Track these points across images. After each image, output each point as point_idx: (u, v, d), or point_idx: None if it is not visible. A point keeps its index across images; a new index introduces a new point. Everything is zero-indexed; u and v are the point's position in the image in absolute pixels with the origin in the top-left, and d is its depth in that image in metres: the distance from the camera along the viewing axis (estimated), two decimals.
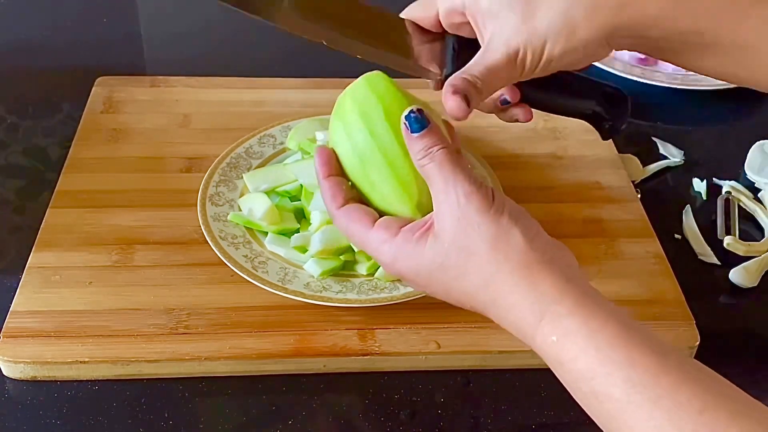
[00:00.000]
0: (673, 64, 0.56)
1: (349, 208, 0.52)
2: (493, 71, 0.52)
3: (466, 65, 0.53)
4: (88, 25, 1.01)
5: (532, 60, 0.52)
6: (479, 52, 0.54)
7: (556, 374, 0.45)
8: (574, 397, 0.44)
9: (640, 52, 0.56)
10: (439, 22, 0.57)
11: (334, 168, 0.54)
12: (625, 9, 0.51)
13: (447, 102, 0.51)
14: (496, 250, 0.46)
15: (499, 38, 0.52)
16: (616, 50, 0.55)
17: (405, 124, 0.50)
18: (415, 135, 0.49)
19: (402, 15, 0.58)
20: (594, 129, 0.62)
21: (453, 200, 0.47)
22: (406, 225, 0.50)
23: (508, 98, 0.57)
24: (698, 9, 0.52)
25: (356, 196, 0.54)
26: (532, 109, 0.59)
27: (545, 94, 0.59)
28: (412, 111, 0.50)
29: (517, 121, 0.59)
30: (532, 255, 0.46)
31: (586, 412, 0.43)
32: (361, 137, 0.53)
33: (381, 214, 0.53)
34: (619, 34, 0.52)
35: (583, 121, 0.62)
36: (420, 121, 0.49)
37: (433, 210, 0.49)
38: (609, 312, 0.44)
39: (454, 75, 0.53)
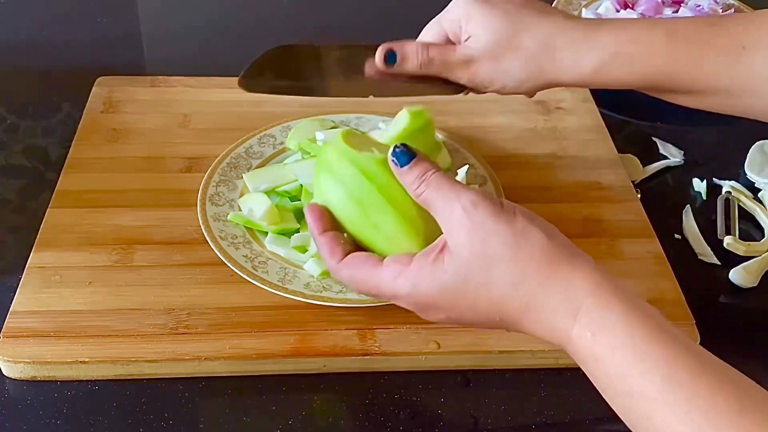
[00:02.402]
0: (674, 102, 0.62)
1: (349, 258, 0.51)
2: (447, 50, 0.62)
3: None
4: (88, 25, 1.01)
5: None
6: None
7: (588, 373, 0.44)
8: (604, 396, 0.43)
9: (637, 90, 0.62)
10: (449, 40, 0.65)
11: (329, 222, 0.53)
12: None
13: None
14: (518, 252, 0.45)
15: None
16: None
17: (393, 160, 0.50)
18: (406, 168, 0.49)
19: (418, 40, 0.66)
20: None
21: (460, 213, 0.46)
22: (415, 255, 0.49)
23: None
24: (697, 60, 0.58)
25: (354, 248, 0.52)
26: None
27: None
28: (396, 146, 0.50)
29: None
30: (556, 251, 0.45)
31: (617, 413, 0.42)
32: (356, 182, 0.52)
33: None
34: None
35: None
36: (407, 153, 0.50)
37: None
38: (644, 308, 0.43)
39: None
